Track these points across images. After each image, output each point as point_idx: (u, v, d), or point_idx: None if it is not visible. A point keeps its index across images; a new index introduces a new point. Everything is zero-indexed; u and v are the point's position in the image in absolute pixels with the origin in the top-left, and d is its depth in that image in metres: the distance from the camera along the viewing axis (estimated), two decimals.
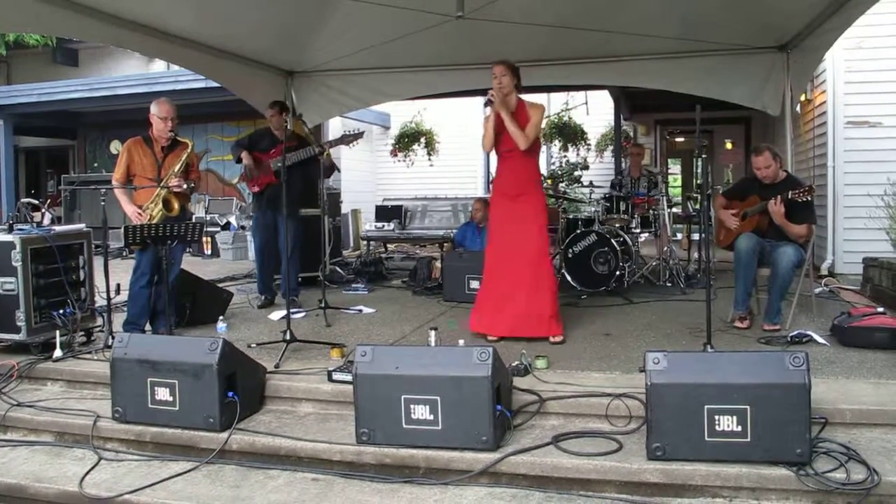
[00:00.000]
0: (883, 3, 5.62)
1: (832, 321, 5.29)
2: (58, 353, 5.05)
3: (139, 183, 5.63)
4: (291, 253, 6.78)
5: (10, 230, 5.18)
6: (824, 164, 8.55)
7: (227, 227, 12.85)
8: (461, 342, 4.80)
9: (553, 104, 14.41)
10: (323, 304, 6.33)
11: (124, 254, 10.65)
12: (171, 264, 5.48)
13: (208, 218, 13.09)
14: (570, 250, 7.71)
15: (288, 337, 5.00)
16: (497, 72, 5.33)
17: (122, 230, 5.18)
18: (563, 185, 13.70)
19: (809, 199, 5.37)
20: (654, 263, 8.49)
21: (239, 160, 7.04)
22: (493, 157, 5.74)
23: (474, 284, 7.08)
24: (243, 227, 12.50)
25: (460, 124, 15.58)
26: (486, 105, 5.35)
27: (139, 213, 5.52)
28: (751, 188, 5.83)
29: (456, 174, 15.69)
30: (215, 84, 8.51)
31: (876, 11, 5.81)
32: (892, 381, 4.15)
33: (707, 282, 4.71)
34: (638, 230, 8.43)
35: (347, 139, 6.95)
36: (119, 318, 5.79)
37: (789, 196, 5.33)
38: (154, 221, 5.47)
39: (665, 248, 8.38)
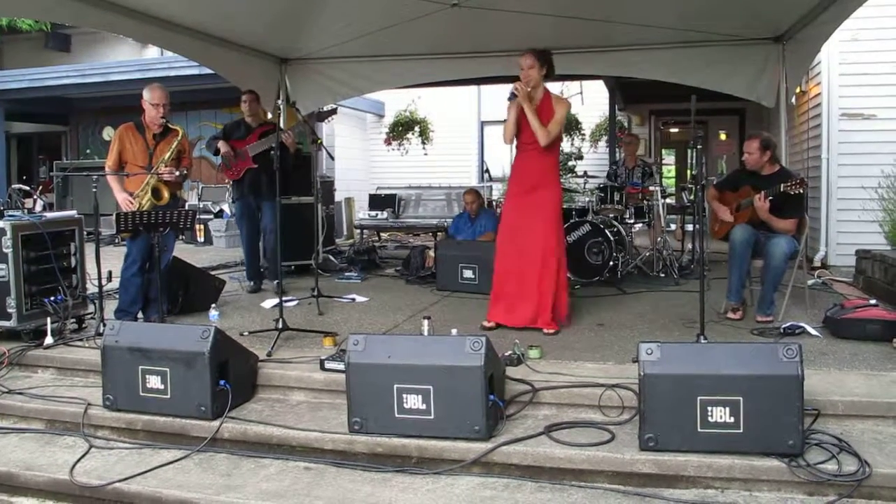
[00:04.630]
0: None
1: (825, 313, 5.29)
2: (49, 340, 5.02)
3: (130, 170, 5.60)
4: (275, 238, 6.75)
5: (1, 216, 5.13)
6: (818, 157, 8.54)
7: (220, 214, 12.79)
8: (454, 331, 4.78)
9: None
10: (316, 293, 6.31)
11: (116, 241, 10.61)
12: (163, 252, 5.46)
13: (201, 205, 13.03)
14: (565, 240, 7.68)
15: (280, 325, 4.99)
16: (524, 64, 5.24)
17: (114, 217, 5.15)
18: None
19: (801, 191, 5.37)
20: (647, 254, 8.49)
21: (216, 152, 7.04)
22: (487, 146, 5.70)
23: (468, 273, 7.10)
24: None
25: (455, 113, 15.55)
26: (509, 98, 5.24)
27: (130, 201, 5.49)
28: (743, 179, 5.84)
29: (450, 163, 15.65)
30: (209, 71, 8.47)
31: (872, 4, 5.81)
32: (883, 373, 4.16)
33: (701, 273, 4.70)
34: (632, 220, 8.42)
35: (323, 115, 6.94)
36: (110, 306, 5.76)
37: (781, 188, 5.33)
38: (144, 209, 5.45)
39: (659, 239, 8.38)
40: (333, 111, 6.95)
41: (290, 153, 6.99)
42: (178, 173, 5.62)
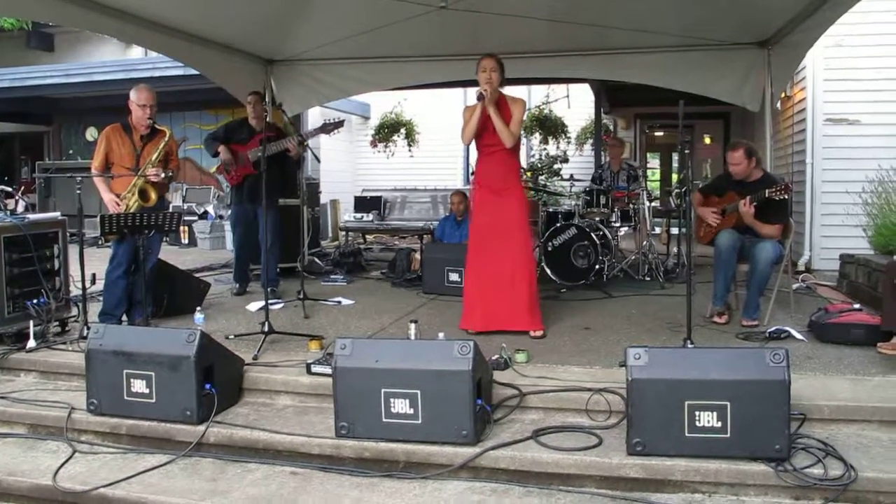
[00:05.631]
0: (864, 2, 5.65)
1: (810, 317, 5.33)
2: (31, 343, 4.97)
3: (117, 171, 5.54)
4: (271, 244, 6.70)
5: None
6: (803, 161, 8.59)
7: (204, 216, 12.74)
8: (441, 335, 4.77)
9: (534, 97, 14.41)
10: (301, 295, 6.28)
11: (100, 242, 10.52)
12: (149, 254, 5.41)
13: (185, 207, 12.97)
14: (550, 244, 7.71)
15: (266, 328, 4.96)
16: (488, 65, 5.25)
17: (98, 220, 5.10)
18: (542, 177, 13.70)
19: (786, 197, 5.41)
20: (633, 257, 8.51)
21: (215, 154, 6.96)
22: (473, 149, 5.70)
23: (454, 276, 7.08)
24: (221, 217, 12.40)
25: (441, 115, 15.52)
26: (478, 98, 5.25)
27: (117, 202, 5.45)
28: (728, 184, 5.87)
29: (436, 166, 15.64)
30: (194, 71, 8.41)
31: (857, 10, 5.83)
32: (868, 378, 4.19)
33: (688, 277, 4.71)
34: (618, 224, 8.44)
35: (328, 128, 6.85)
36: (94, 308, 5.71)
37: (766, 194, 5.36)
38: (131, 211, 5.41)
39: (644, 243, 8.41)
40: (340, 123, 6.86)
41: (292, 161, 6.94)
42: (163, 175, 5.57)
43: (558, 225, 7.83)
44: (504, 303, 5.32)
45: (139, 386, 4.02)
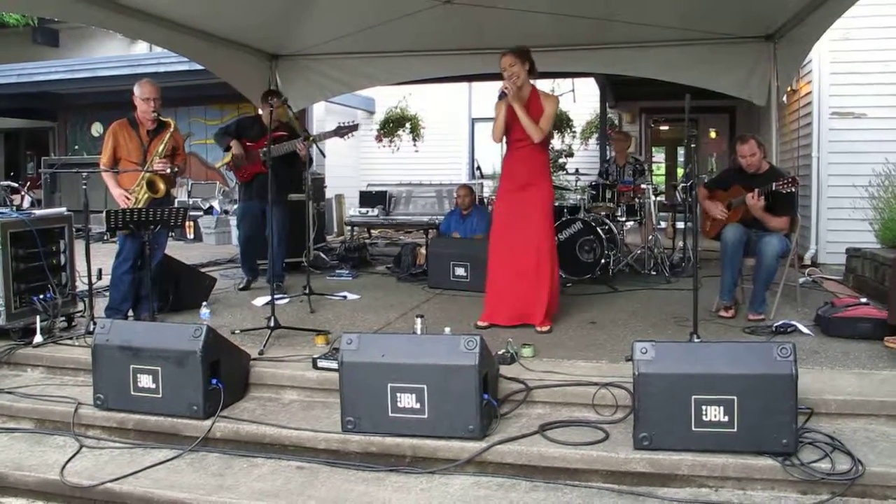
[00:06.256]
0: None
1: (816, 311, 5.31)
2: (38, 338, 4.97)
3: (124, 166, 5.56)
4: (278, 242, 6.70)
5: None
6: (809, 155, 8.56)
7: (209, 211, 12.74)
8: (447, 330, 4.77)
9: None
10: (307, 290, 6.28)
11: (105, 238, 10.54)
12: (155, 249, 5.42)
13: (191, 202, 12.98)
14: (556, 238, 7.67)
15: (272, 323, 4.96)
16: (505, 63, 5.20)
17: (105, 215, 5.11)
18: None
19: (793, 190, 5.38)
20: (639, 252, 8.50)
21: (227, 148, 6.94)
22: (478, 143, 5.70)
23: (459, 271, 7.08)
24: (226, 212, 12.41)
25: (445, 110, 15.52)
26: (500, 97, 5.21)
27: (127, 197, 5.46)
28: (734, 178, 5.85)
29: (441, 160, 15.62)
30: (198, 66, 8.41)
31: (864, 3, 5.81)
32: (875, 372, 4.18)
33: (695, 271, 4.70)
34: (623, 218, 8.43)
35: (342, 131, 6.83)
36: (101, 304, 5.72)
37: (773, 187, 5.34)
38: (140, 205, 5.42)
39: (650, 237, 8.39)
40: (354, 127, 6.83)
41: (300, 160, 6.92)
42: (169, 170, 5.58)
43: (564, 219, 7.82)
44: (526, 298, 5.31)
45: (146, 381, 4.02)
